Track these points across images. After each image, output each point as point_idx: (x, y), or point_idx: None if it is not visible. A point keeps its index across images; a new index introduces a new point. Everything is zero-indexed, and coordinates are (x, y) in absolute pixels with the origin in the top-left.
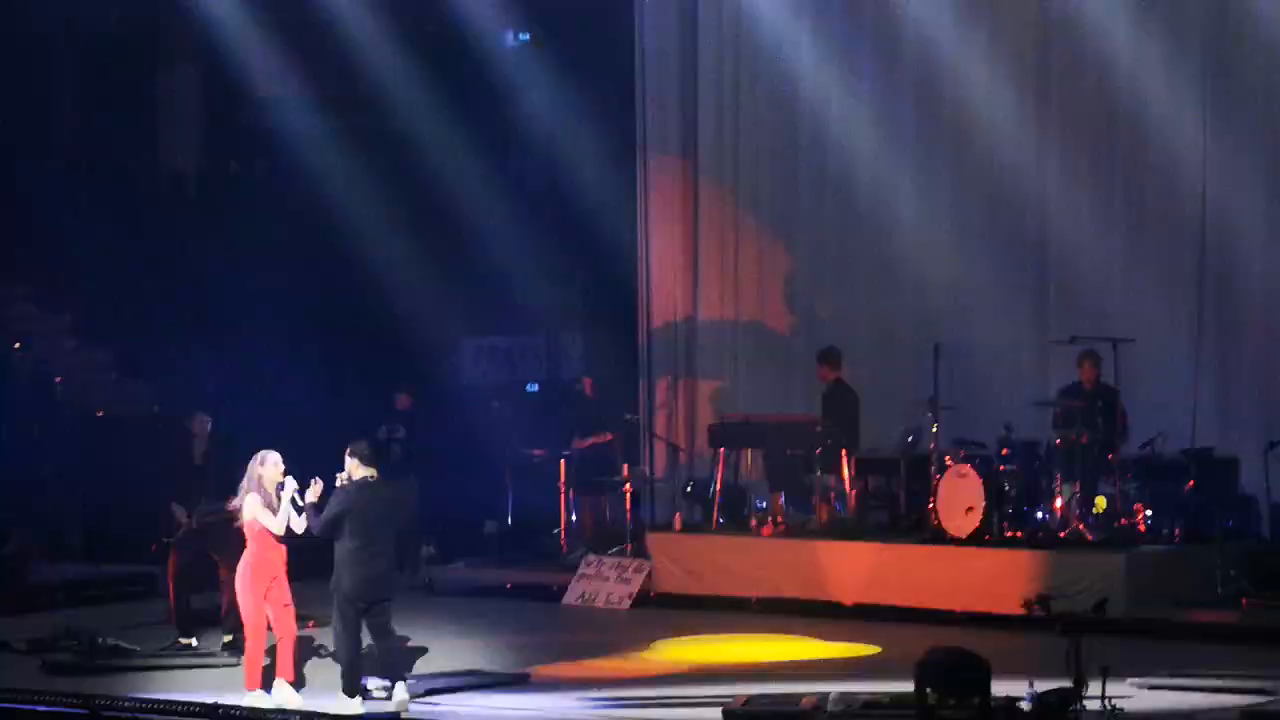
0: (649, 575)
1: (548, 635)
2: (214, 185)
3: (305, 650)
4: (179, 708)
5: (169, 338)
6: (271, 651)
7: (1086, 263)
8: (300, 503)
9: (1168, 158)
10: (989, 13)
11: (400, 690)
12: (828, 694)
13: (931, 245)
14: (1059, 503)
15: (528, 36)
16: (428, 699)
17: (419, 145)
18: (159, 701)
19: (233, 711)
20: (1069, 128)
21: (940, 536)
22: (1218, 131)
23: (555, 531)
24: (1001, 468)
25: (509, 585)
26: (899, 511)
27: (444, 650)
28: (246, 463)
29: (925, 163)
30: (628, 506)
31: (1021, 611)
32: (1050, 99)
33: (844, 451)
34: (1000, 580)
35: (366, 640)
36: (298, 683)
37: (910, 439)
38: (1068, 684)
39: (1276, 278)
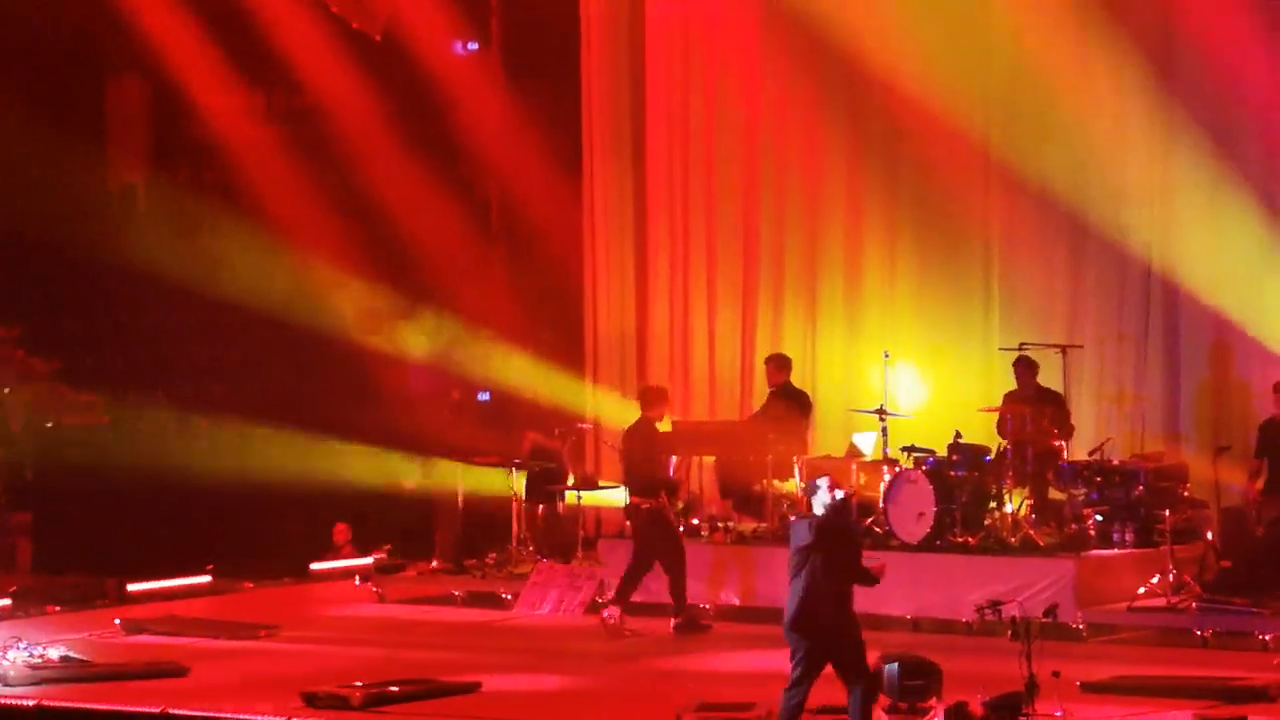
0: (601, 583)
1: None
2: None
3: None
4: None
5: (117, 349)
6: None
7: (1034, 270)
8: None
9: (1114, 165)
10: (931, 19)
11: None
12: (779, 699)
13: (878, 252)
14: (1009, 508)
15: (476, 46)
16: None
17: (367, 154)
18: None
19: None
20: (1012, 134)
21: (892, 542)
22: (1163, 137)
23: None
24: (952, 474)
25: (458, 594)
26: (850, 518)
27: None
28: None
29: (869, 171)
30: (580, 514)
31: (973, 617)
32: (992, 105)
33: (795, 457)
34: (952, 586)
35: None
36: None
37: None
38: (1019, 689)
39: (1223, 281)
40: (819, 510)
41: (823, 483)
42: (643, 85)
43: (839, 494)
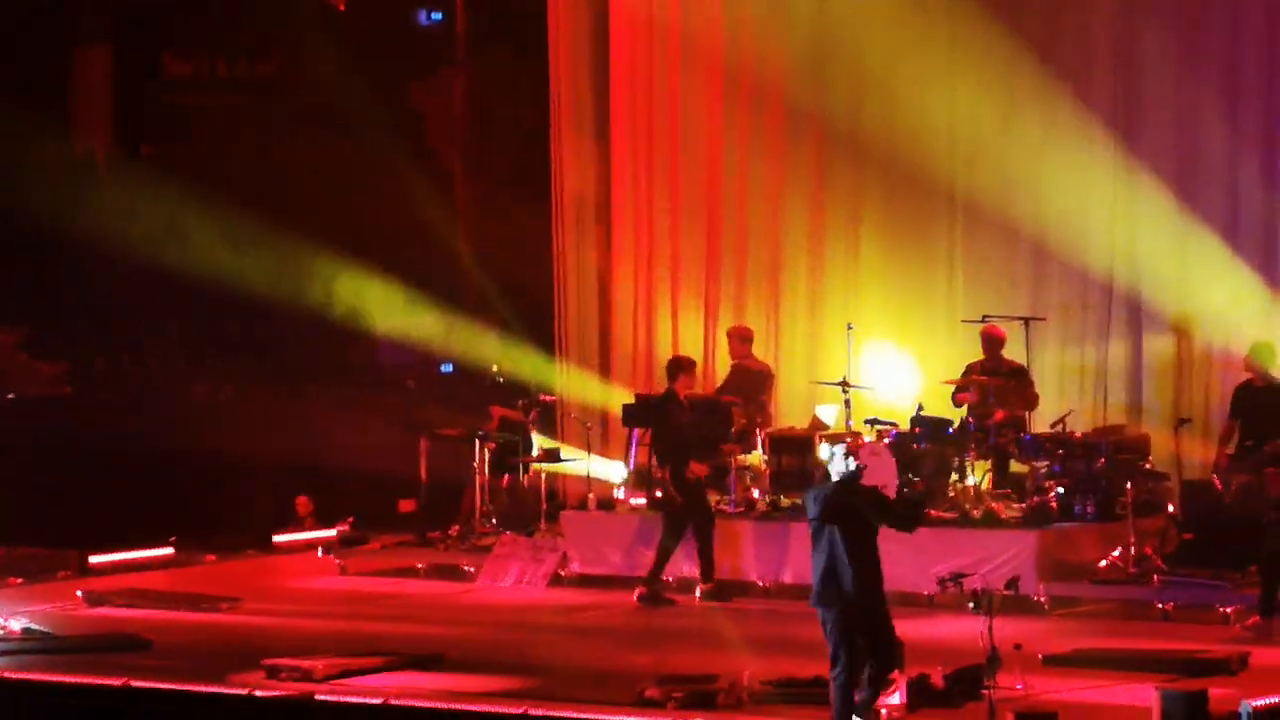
0: (563, 555)
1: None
2: (126, 166)
3: None
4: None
5: (81, 320)
6: None
7: (997, 242)
8: None
9: (1078, 138)
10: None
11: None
12: (742, 672)
13: (841, 225)
14: (971, 480)
15: (440, 16)
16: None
17: (334, 124)
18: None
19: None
20: (977, 105)
21: None
22: (1128, 113)
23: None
24: (915, 446)
25: (420, 566)
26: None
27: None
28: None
29: (834, 144)
30: (542, 486)
31: (935, 589)
32: (958, 76)
33: (757, 429)
34: (914, 558)
35: None
36: None
37: None
38: (981, 662)
39: (1186, 254)
40: (835, 479)
41: (838, 450)
42: (607, 57)
43: (854, 463)
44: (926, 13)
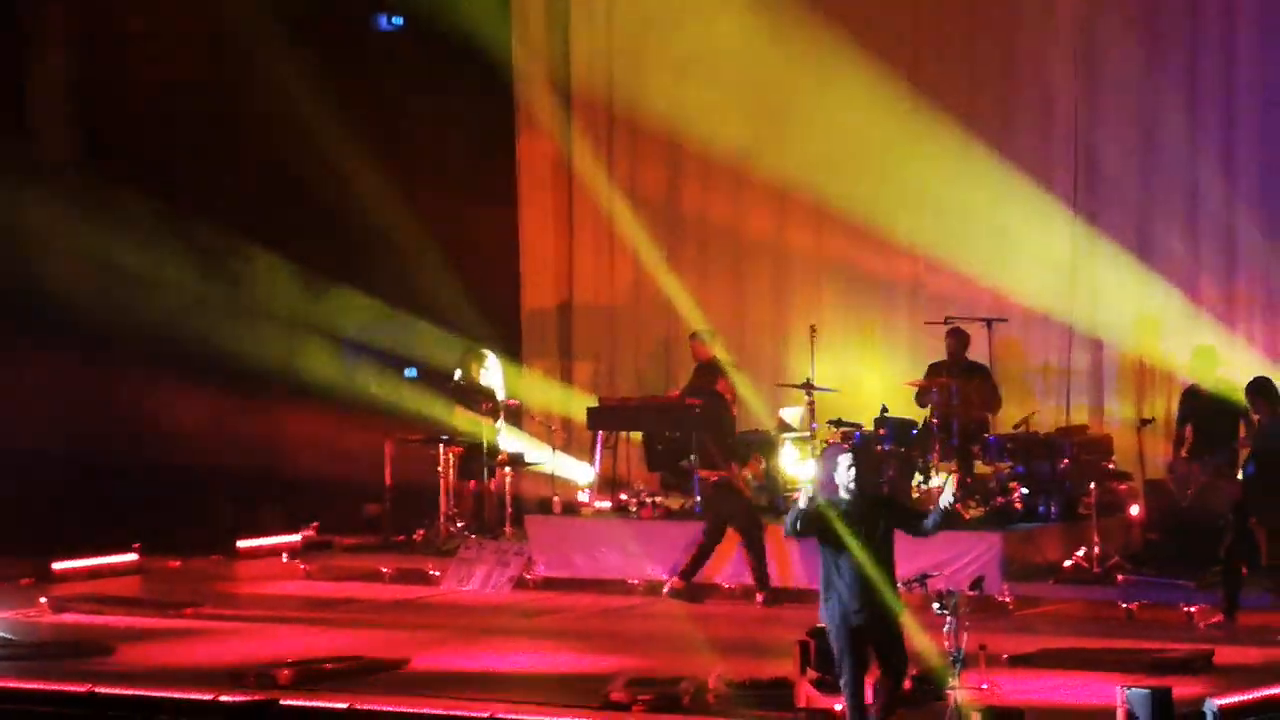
0: (528, 559)
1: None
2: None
3: None
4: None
5: (41, 330)
6: None
7: (960, 242)
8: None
9: (1040, 136)
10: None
11: None
12: (708, 675)
13: (805, 227)
14: (935, 481)
15: (401, 20)
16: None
17: (292, 128)
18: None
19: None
20: (938, 101)
21: None
22: (1090, 108)
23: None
24: (879, 447)
25: (386, 570)
26: (780, 492)
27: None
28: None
29: (797, 144)
30: (507, 490)
31: (900, 590)
32: (921, 72)
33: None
34: None
35: None
36: None
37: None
38: (946, 662)
39: (1149, 255)
40: (843, 493)
41: (843, 460)
42: (569, 55)
43: (853, 472)
44: (884, 16)
